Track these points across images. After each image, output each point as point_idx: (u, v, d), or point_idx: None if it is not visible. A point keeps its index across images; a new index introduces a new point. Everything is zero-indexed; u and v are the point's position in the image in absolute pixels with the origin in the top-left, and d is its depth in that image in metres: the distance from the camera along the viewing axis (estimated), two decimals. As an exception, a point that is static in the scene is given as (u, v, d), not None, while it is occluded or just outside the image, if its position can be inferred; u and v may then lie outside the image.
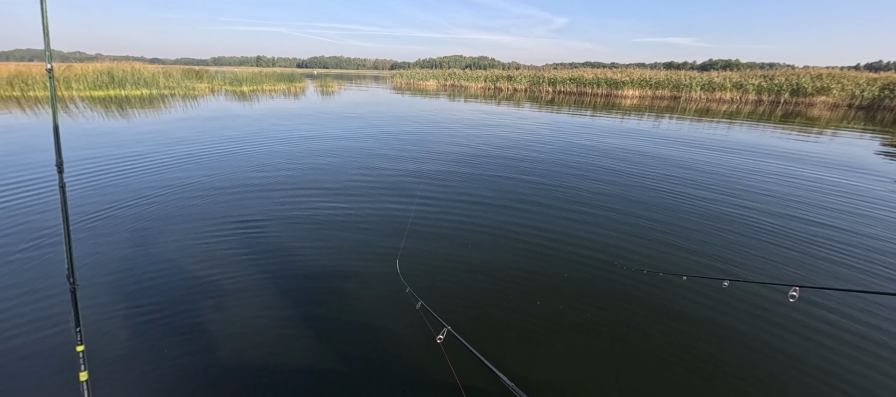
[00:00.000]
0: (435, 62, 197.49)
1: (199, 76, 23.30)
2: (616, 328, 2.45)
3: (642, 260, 3.31)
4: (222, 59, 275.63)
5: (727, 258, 3.40)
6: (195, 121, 10.34)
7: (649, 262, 3.27)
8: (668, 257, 3.40)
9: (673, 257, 3.40)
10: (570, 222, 4.04)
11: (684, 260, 3.36)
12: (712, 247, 3.61)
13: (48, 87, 1.35)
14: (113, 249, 3.31)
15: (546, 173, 5.92)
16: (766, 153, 8.00)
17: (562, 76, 30.13)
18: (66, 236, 1.43)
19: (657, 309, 2.66)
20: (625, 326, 2.48)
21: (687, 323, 2.52)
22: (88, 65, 18.44)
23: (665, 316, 2.59)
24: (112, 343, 2.24)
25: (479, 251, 3.38)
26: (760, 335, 2.43)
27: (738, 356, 2.26)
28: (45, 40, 1.33)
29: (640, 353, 2.26)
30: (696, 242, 3.68)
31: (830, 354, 2.29)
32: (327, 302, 2.65)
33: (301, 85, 27.28)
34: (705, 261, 3.34)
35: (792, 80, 22.34)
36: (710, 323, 2.53)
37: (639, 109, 17.72)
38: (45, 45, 1.34)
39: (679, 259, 3.38)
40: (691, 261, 3.35)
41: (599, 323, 2.50)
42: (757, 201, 4.87)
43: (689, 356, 2.25)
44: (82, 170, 5.51)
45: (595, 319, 2.53)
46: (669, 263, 3.30)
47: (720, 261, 3.34)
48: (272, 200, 4.52)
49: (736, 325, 2.51)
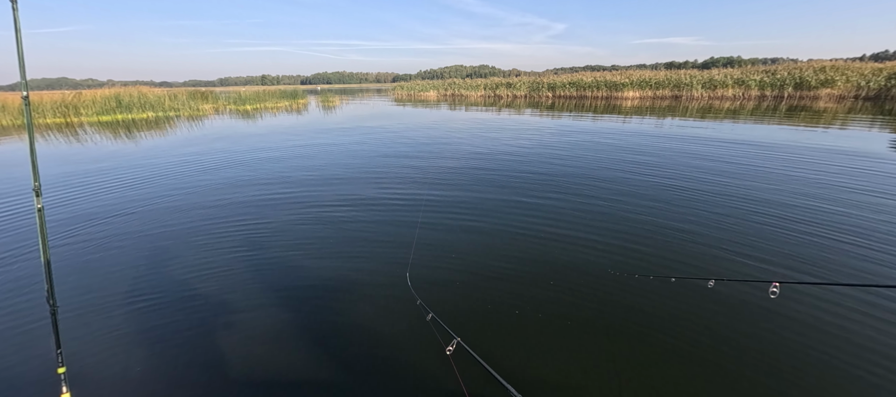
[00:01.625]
0: (436, 73, 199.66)
1: (204, 97, 23.85)
2: (633, 337, 2.38)
3: (665, 264, 3.23)
4: (228, 79, 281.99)
5: (776, 254, 3.34)
6: (199, 142, 10.55)
7: (674, 267, 3.19)
8: (694, 260, 3.30)
9: (701, 260, 3.31)
10: (580, 227, 3.98)
11: (715, 261, 3.30)
12: (758, 248, 3.54)
13: (25, 114, 1.40)
14: (98, 268, 3.37)
15: (550, 179, 5.90)
16: (773, 147, 7.88)
17: (561, 81, 30.20)
18: (44, 259, 1.46)
19: (678, 316, 2.58)
20: (643, 336, 2.41)
21: (727, 328, 2.46)
22: (97, 91, 19.01)
23: (689, 323, 2.51)
24: (94, 364, 2.26)
25: (486, 259, 3.35)
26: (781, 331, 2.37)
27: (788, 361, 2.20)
28: (21, 70, 1.38)
29: (661, 363, 2.20)
30: (736, 244, 3.61)
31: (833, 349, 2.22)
32: (336, 317, 2.63)
33: (303, 101, 27.74)
34: (751, 263, 3.26)
35: (795, 75, 22.10)
36: (757, 326, 2.47)
37: (639, 111, 17.66)
38: (21, 74, 1.39)
39: (710, 261, 3.29)
40: (726, 262, 3.29)
41: (615, 332, 2.44)
42: (777, 196, 4.79)
43: (714, 361, 2.19)
44: (68, 192, 5.63)
45: (610, 329, 2.46)
46: (696, 267, 3.20)
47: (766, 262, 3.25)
48: (274, 216, 4.56)
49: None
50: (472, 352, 1.74)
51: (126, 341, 2.46)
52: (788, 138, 9.13)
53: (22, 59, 1.35)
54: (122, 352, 2.36)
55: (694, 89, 24.68)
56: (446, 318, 2.26)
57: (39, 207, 1.45)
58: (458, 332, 1.83)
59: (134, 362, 2.28)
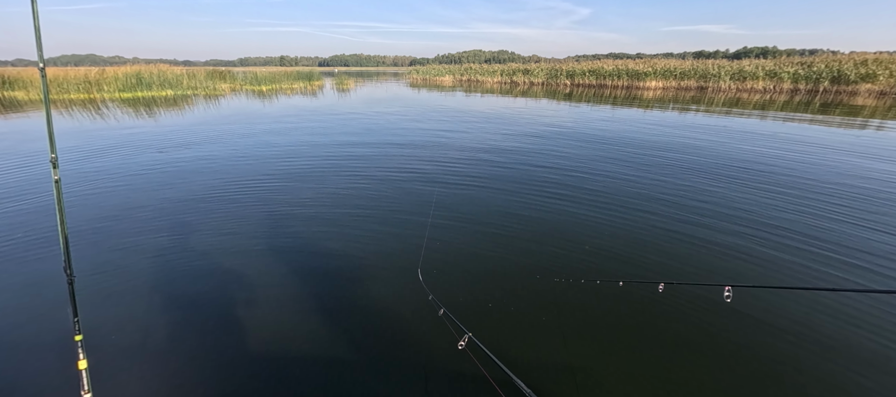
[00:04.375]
0: (454, 57, 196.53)
1: (222, 76, 24.16)
2: (651, 339, 2.33)
3: (680, 267, 3.14)
4: (248, 59, 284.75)
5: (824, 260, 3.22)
6: (213, 124, 10.72)
7: (690, 269, 3.10)
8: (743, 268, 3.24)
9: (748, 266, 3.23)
10: (597, 224, 3.87)
11: (729, 267, 3.20)
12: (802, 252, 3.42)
13: (42, 87, 1.41)
14: (113, 243, 3.47)
15: (566, 174, 5.75)
16: (813, 144, 7.50)
17: (580, 68, 29.31)
18: (61, 229, 1.50)
19: (696, 318, 2.53)
20: (655, 338, 2.36)
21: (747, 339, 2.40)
22: (119, 68, 19.46)
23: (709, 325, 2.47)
24: (111, 332, 2.34)
25: (498, 253, 3.29)
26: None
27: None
28: (37, 41, 1.39)
29: (680, 362, 2.16)
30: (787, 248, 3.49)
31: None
32: (346, 307, 2.60)
33: (319, 83, 27.81)
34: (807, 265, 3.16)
35: (833, 67, 20.83)
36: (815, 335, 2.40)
37: (661, 101, 17.03)
38: (37, 46, 1.40)
39: (724, 264, 3.21)
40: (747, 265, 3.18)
41: (632, 332, 2.39)
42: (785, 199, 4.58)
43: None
44: (87, 166, 5.81)
45: (628, 329, 2.41)
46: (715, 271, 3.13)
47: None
48: (281, 201, 4.60)
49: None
50: (483, 348, 1.73)
51: (143, 312, 2.54)
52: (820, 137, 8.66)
53: (38, 32, 1.35)
54: (139, 321, 2.44)
55: (721, 80, 23.59)
56: (458, 312, 2.24)
57: (56, 179, 1.47)
58: (470, 327, 1.82)
59: (150, 332, 2.35)
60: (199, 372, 2.09)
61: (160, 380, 2.04)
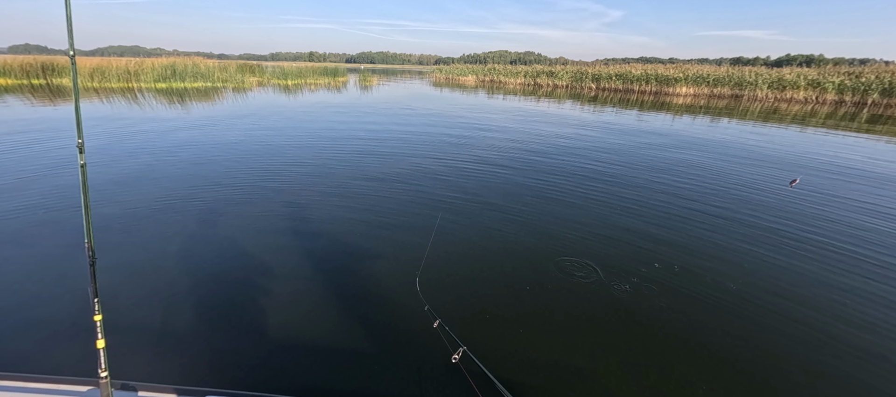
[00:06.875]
0: (479, 57, 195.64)
1: (251, 70, 25.01)
2: (652, 354, 2.24)
3: (685, 280, 3.02)
4: (279, 54, 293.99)
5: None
6: (237, 116, 11.09)
7: (696, 283, 2.97)
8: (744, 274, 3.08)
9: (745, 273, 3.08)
10: (603, 241, 3.70)
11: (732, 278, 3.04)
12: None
13: (71, 73, 1.47)
14: (134, 227, 3.63)
15: (579, 188, 5.48)
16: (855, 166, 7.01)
17: (607, 72, 28.56)
18: (85, 212, 1.56)
19: (703, 329, 2.42)
20: (666, 349, 2.26)
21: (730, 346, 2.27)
22: (156, 60, 20.46)
23: (706, 337, 2.35)
24: (129, 314, 2.43)
25: (501, 267, 3.16)
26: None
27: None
28: (69, 29, 1.45)
29: (685, 378, 2.07)
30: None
31: None
32: (343, 314, 2.56)
33: (343, 79, 28.32)
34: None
35: (884, 79, 19.40)
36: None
37: (692, 110, 16.31)
38: (69, 34, 1.46)
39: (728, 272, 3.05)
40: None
41: (632, 349, 2.30)
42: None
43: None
44: (116, 148, 6.08)
45: (626, 347, 2.32)
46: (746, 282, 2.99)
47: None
48: (283, 201, 4.62)
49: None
50: (478, 362, 1.69)
51: (162, 296, 2.63)
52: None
53: (70, 22, 1.41)
54: (158, 305, 2.53)
55: (758, 89, 22.41)
56: (454, 327, 2.19)
57: (82, 163, 1.54)
58: (466, 341, 1.77)
59: (169, 316, 2.43)
60: (212, 357, 2.14)
61: (172, 363, 2.10)
